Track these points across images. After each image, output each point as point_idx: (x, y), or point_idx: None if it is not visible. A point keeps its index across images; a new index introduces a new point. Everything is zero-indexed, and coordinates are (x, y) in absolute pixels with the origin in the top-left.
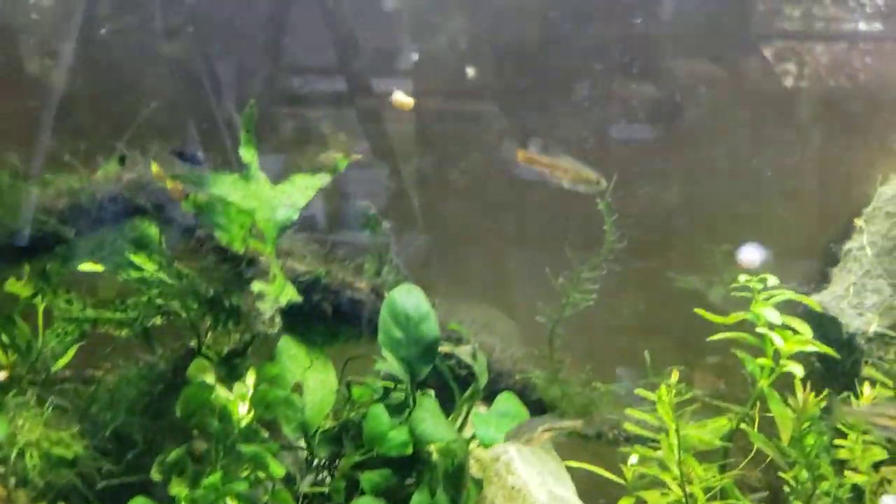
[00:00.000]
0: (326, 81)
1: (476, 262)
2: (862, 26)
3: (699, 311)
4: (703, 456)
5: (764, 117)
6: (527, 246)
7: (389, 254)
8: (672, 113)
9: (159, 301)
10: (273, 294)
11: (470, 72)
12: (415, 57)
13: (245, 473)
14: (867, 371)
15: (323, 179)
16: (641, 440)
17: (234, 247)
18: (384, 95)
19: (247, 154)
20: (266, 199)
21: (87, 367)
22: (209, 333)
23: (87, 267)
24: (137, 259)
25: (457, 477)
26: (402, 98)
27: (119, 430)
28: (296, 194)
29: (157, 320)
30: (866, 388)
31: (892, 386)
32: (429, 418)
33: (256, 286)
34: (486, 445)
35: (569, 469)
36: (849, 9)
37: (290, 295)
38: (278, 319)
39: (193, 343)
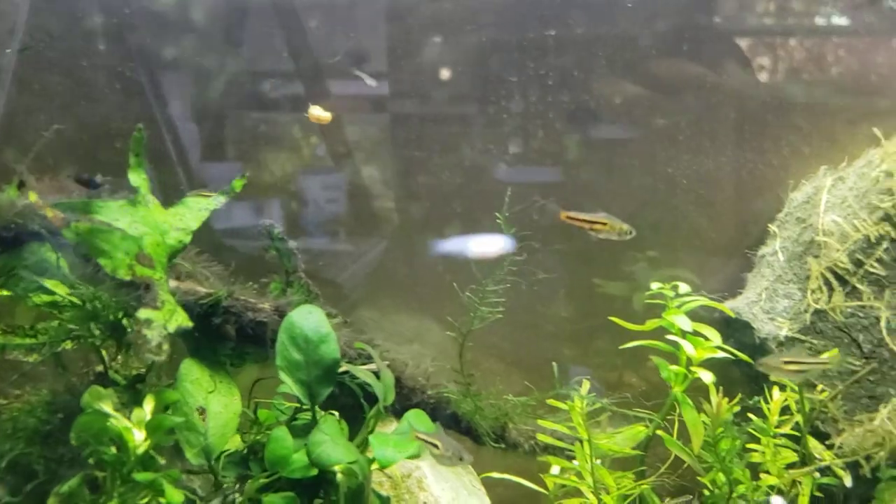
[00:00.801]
0: (296, 85)
1: (425, 270)
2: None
3: (614, 319)
4: (624, 464)
5: (679, 125)
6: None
7: (296, 272)
8: (586, 120)
9: (70, 325)
10: (160, 320)
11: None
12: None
13: (143, 502)
14: (774, 376)
15: (217, 201)
16: (560, 450)
17: (119, 274)
18: (345, 98)
19: (136, 178)
20: (156, 223)
21: None
22: (117, 358)
23: None
24: (49, 283)
25: (357, 498)
26: (318, 113)
27: (18, 461)
28: (188, 217)
29: (68, 345)
30: (775, 393)
31: (798, 390)
32: (327, 441)
33: (143, 313)
34: (382, 466)
35: (491, 481)
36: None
37: (180, 321)
38: (166, 347)
39: (100, 368)
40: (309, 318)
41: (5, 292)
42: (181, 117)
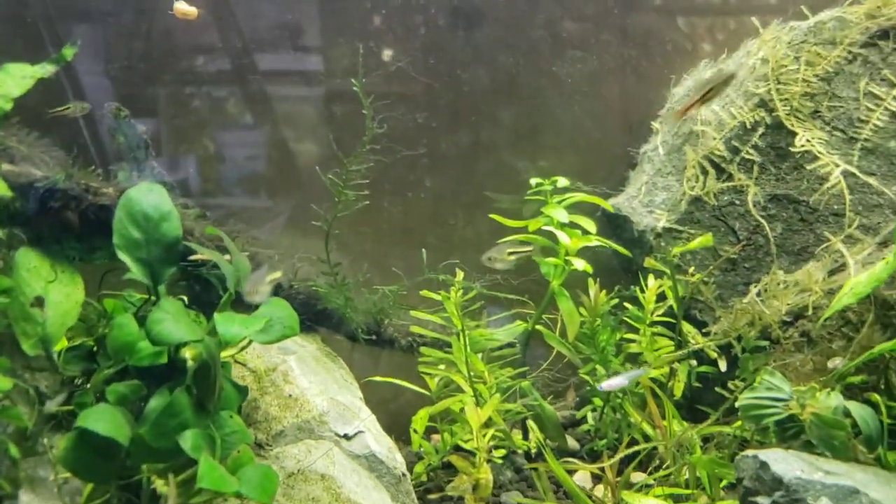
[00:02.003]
0: (230, 60)
1: None
2: None
3: (495, 216)
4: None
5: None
6: None
7: (145, 157)
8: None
9: None
10: None
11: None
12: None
13: None
14: (648, 262)
15: (45, 70)
16: (437, 345)
17: None
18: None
19: None
20: None
21: None
22: None
23: None
24: None
25: (203, 377)
26: (183, 7)
27: None
28: (9, 83)
29: None
30: (650, 280)
31: (670, 275)
32: (168, 318)
33: None
34: (226, 341)
35: (374, 385)
36: None
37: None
38: None
39: None
40: (149, 196)
41: None
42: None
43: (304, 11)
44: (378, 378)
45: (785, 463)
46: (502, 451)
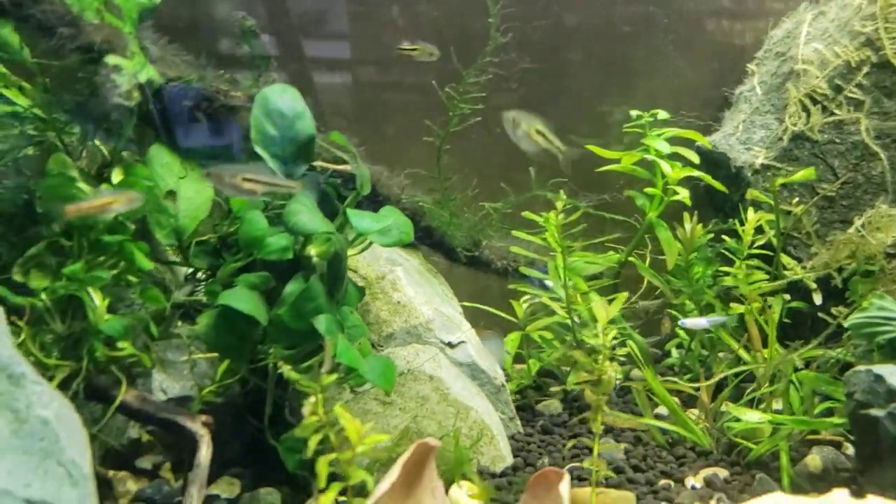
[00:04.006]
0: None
1: None
2: None
3: (591, 146)
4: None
5: None
6: None
7: (266, 67)
8: None
9: (32, 132)
10: (131, 69)
11: None
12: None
13: (109, 274)
14: (750, 194)
15: None
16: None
17: (87, 16)
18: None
19: None
20: None
21: None
22: (82, 153)
23: None
24: (8, 93)
25: (334, 269)
26: None
27: None
28: None
29: (30, 151)
30: (750, 213)
31: (773, 206)
32: (304, 211)
33: (111, 59)
34: (361, 233)
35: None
36: None
37: (150, 73)
38: (136, 95)
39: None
40: (284, 96)
41: None
42: None
43: None
44: (468, 303)
45: None
46: (624, 350)
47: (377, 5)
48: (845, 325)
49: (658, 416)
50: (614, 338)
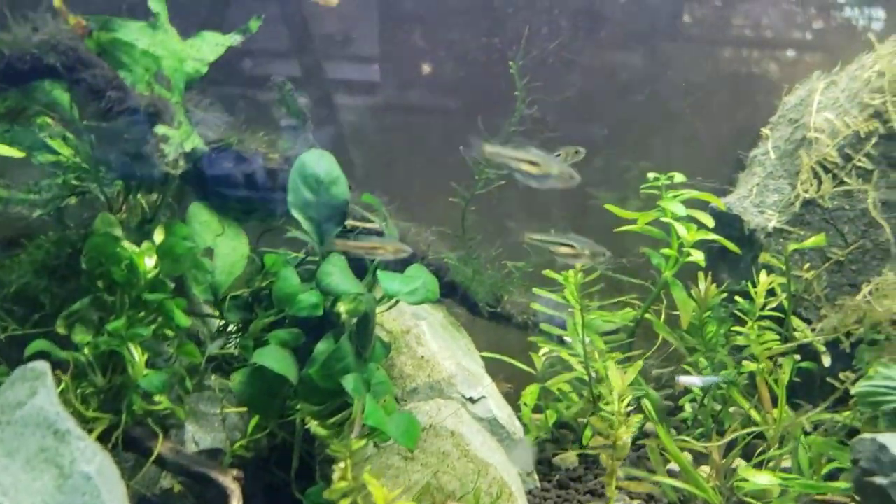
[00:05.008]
0: (279, 64)
1: None
2: None
3: (609, 206)
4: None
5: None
6: None
7: (305, 130)
8: None
9: (74, 182)
10: (178, 138)
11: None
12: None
13: (149, 329)
14: (763, 257)
15: (234, 39)
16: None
17: (139, 88)
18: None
19: (156, 4)
20: (174, 49)
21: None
22: (123, 207)
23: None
24: (53, 143)
25: (363, 328)
26: None
27: (25, 293)
28: (205, 49)
29: (73, 200)
30: (763, 275)
31: (784, 270)
32: (336, 272)
33: (160, 128)
34: (390, 296)
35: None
36: None
37: (196, 143)
38: (182, 163)
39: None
40: (321, 161)
41: (16, 152)
42: None
43: None
44: (487, 354)
45: None
46: (639, 417)
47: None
48: (851, 392)
49: (671, 472)
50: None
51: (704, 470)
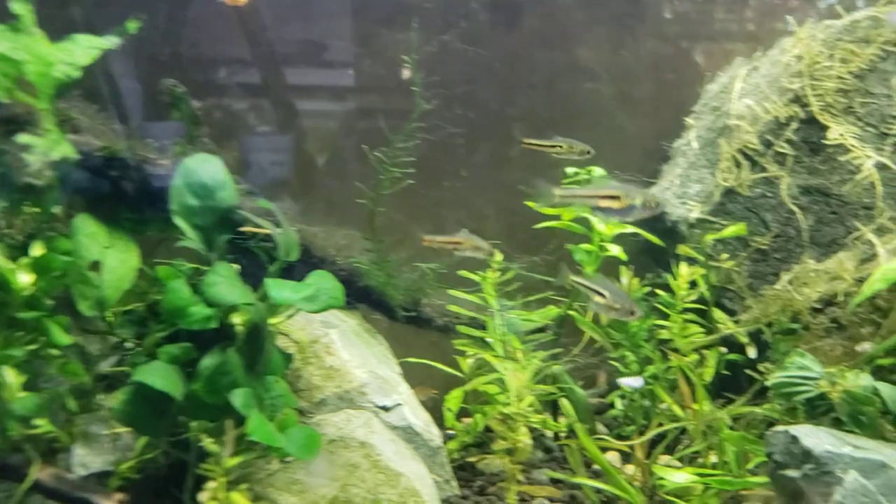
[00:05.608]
0: (251, 73)
1: None
2: None
3: (530, 203)
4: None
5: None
6: None
7: (198, 132)
8: None
9: None
10: (43, 147)
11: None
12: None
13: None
14: (681, 249)
15: (110, 41)
16: (473, 326)
17: None
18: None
19: (19, 6)
20: (40, 53)
21: None
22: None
23: None
24: None
25: (253, 339)
26: None
27: None
28: (78, 53)
29: None
30: (682, 267)
31: (705, 260)
32: (222, 282)
33: (22, 138)
34: (279, 303)
35: (406, 366)
36: None
37: (66, 151)
38: (48, 173)
39: None
40: (206, 165)
41: None
42: None
43: None
44: (412, 359)
45: (815, 437)
46: (539, 417)
47: None
48: (766, 383)
49: (596, 473)
50: (552, 393)
51: (631, 469)
